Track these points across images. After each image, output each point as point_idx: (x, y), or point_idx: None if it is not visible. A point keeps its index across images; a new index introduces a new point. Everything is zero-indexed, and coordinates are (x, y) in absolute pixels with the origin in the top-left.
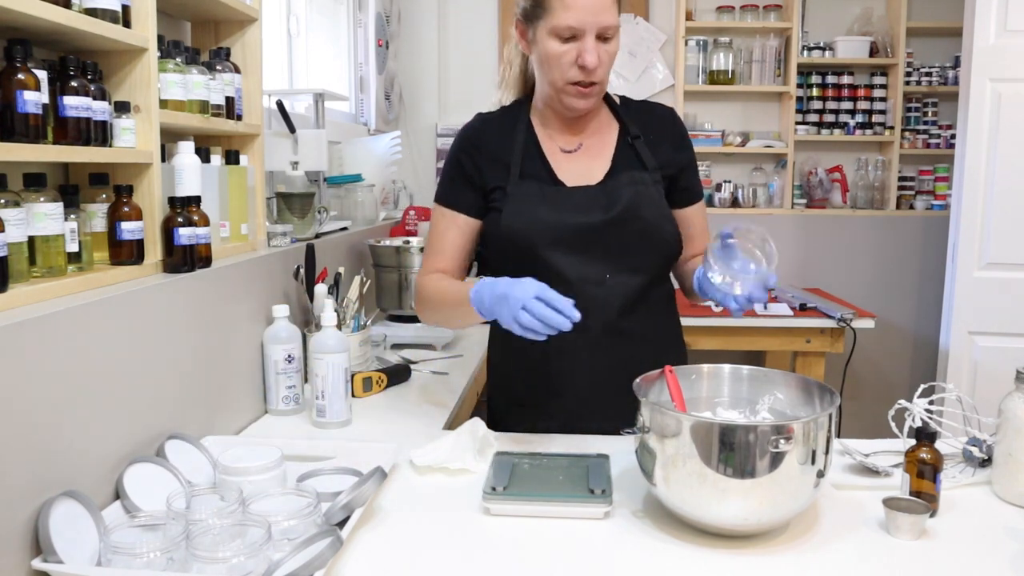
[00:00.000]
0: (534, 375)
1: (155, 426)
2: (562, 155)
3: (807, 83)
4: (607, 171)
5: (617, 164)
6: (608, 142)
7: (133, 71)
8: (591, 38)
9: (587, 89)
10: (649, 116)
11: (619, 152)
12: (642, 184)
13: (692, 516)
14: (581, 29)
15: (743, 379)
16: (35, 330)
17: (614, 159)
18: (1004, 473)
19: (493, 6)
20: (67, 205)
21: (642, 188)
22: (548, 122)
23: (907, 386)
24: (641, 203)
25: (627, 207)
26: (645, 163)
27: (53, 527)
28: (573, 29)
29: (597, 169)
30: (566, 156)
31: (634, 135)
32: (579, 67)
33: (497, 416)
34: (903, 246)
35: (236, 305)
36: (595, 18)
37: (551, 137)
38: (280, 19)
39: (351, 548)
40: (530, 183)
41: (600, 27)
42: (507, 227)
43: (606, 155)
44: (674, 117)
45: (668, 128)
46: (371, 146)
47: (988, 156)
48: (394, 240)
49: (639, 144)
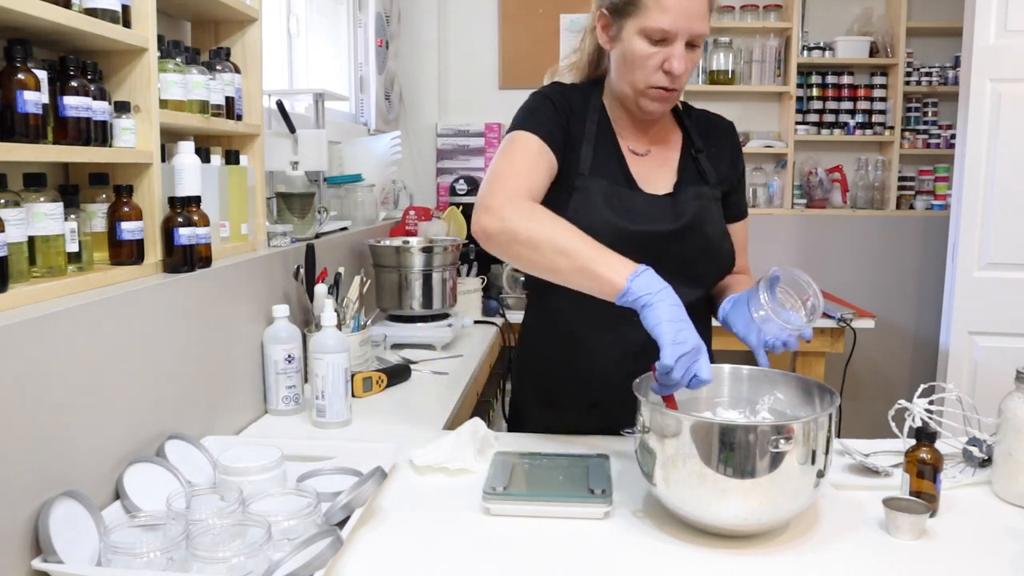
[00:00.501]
0: (570, 374)
1: (155, 426)
2: (633, 156)
3: (807, 83)
4: (675, 182)
5: (683, 176)
6: (673, 151)
7: (133, 71)
8: (681, 44)
9: (667, 94)
10: (710, 128)
11: (683, 163)
12: (706, 199)
13: (692, 516)
14: (674, 33)
15: (743, 379)
16: (35, 330)
17: (679, 170)
18: (1004, 473)
19: (493, 6)
20: (67, 205)
21: (706, 203)
22: (619, 119)
23: (907, 386)
24: (705, 218)
25: (692, 221)
26: (707, 178)
27: (53, 527)
28: (665, 32)
29: (665, 178)
30: (637, 158)
31: (697, 148)
32: (664, 72)
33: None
34: (903, 246)
35: (236, 305)
36: (689, 24)
37: (623, 134)
38: (280, 19)
39: (351, 548)
40: (600, 181)
41: (692, 34)
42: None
43: (671, 164)
44: (733, 131)
45: (727, 143)
46: (371, 146)
47: (988, 156)
48: (394, 240)
49: (702, 157)
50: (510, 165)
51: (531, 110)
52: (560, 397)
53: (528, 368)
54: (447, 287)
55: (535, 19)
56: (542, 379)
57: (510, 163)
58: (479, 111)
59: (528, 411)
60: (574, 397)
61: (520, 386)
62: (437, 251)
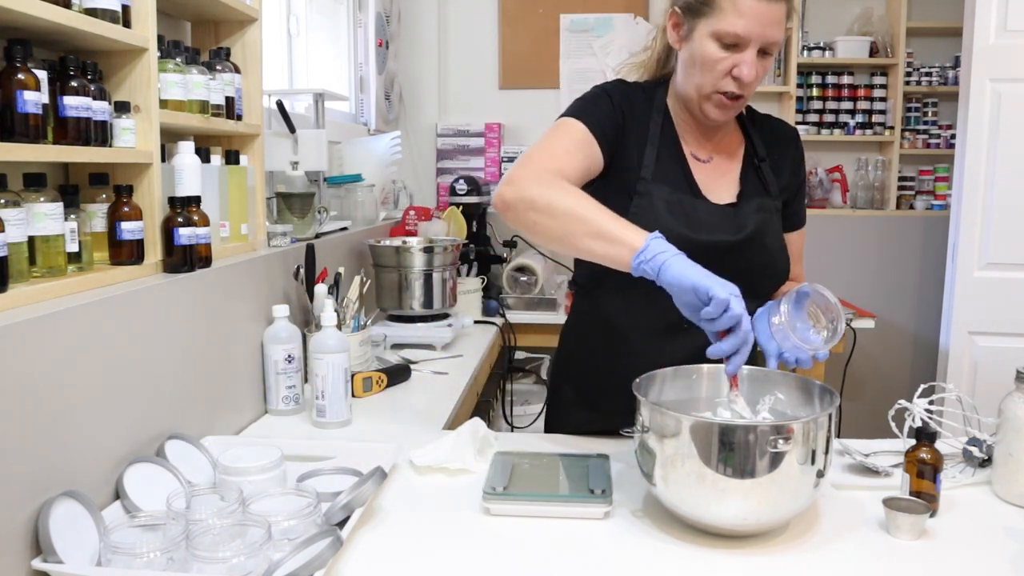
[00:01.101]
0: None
1: (155, 426)
2: (695, 162)
3: (807, 83)
4: (738, 192)
5: (746, 186)
6: (735, 159)
7: (133, 71)
8: (754, 50)
9: (733, 102)
10: (773, 135)
11: (746, 172)
12: (768, 212)
13: (692, 516)
14: (747, 39)
15: (743, 379)
16: (35, 330)
17: (742, 179)
18: (1004, 473)
19: (493, 6)
20: (67, 205)
21: (767, 216)
22: (683, 122)
23: (907, 386)
24: (766, 231)
25: (753, 233)
26: (770, 189)
27: (53, 527)
28: (739, 37)
29: (728, 187)
30: (700, 165)
31: (760, 157)
32: (733, 78)
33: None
34: (903, 246)
35: (236, 305)
36: (764, 30)
37: (685, 139)
38: (280, 19)
39: (351, 548)
40: (661, 187)
41: (766, 41)
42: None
43: (734, 173)
44: (797, 139)
45: (790, 151)
46: (371, 146)
47: (988, 156)
48: (394, 240)
49: (764, 167)
50: (547, 146)
51: (586, 100)
52: (603, 401)
53: (569, 369)
54: (447, 287)
55: (535, 19)
56: (584, 381)
57: (547, 144)
58: (479, 111)
59: (567, 412)
60: (618, 402)
61: (559, 387)
62: (437, 251)
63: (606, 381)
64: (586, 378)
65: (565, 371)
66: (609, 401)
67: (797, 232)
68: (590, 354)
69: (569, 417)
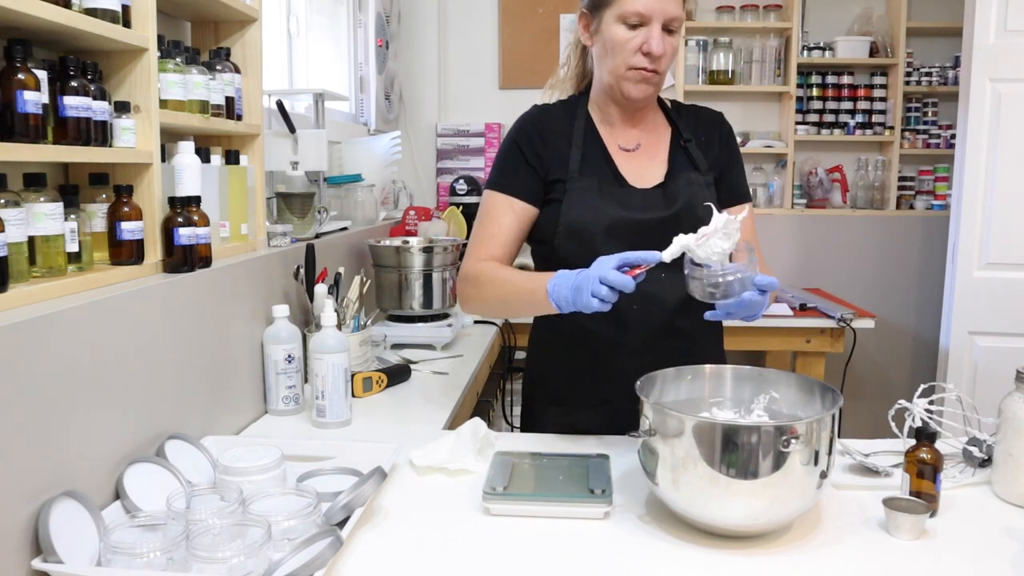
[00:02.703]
0: (580, 373)
1: (155, 426)
2: (622, 153)
3: (807, 83)
4: (666, 172)
5: (674, 166)
6: (663, 143)
7: (133, 71)
8: (657, 26)
9: (648, 75)
10: (698, 119)
11: (673, 154)
12: (697, 185)
13: (699, 518)
14: (648, 16)
15: (744, 379)
16: (35, 330)
17: (670, 160)
18: (1004, 473)
19: (493, 6)
20: (67, 205)
21: (697, 189)
22: (607, 118)
23: (907, 386)
24: (696, 203)
25: (684, 207)
26: (698, 164)
27: (53, 527)
28: (641, 15)
29: (655, 170)
30: (626, 154)
31: (686, 138)
32: (644, 54)
33: (535, 414)
34: (903, 246)
35: (236, 305)
36: (663, 6)
37: (610, 133)
38: (280, 19)
39: (351, 548)
40: (591, 179)
41: (667, 16)
42: (566, 222)
43: (662, 156)
44: (722, 119)
45: (716, 129)
46: (371, 146)
47: (988, 156)
48: (394, 240)
49: (691, 146)
50: (481, 231)
51: (499, 165)
52: (571, 395)
53: (539, 367)
54: (447, 287)
55: (535, 19)
56: (553, 378)
57: (481, 228)
58: (479, 111)
59: (540, 410)
60: (585, 395)
61: (531, 385)
62: (437, 251)
63: (573, 374)
64: (555, 375)
65: (534, 369)
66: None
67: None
68: (556, 350)
69: (543, 413)
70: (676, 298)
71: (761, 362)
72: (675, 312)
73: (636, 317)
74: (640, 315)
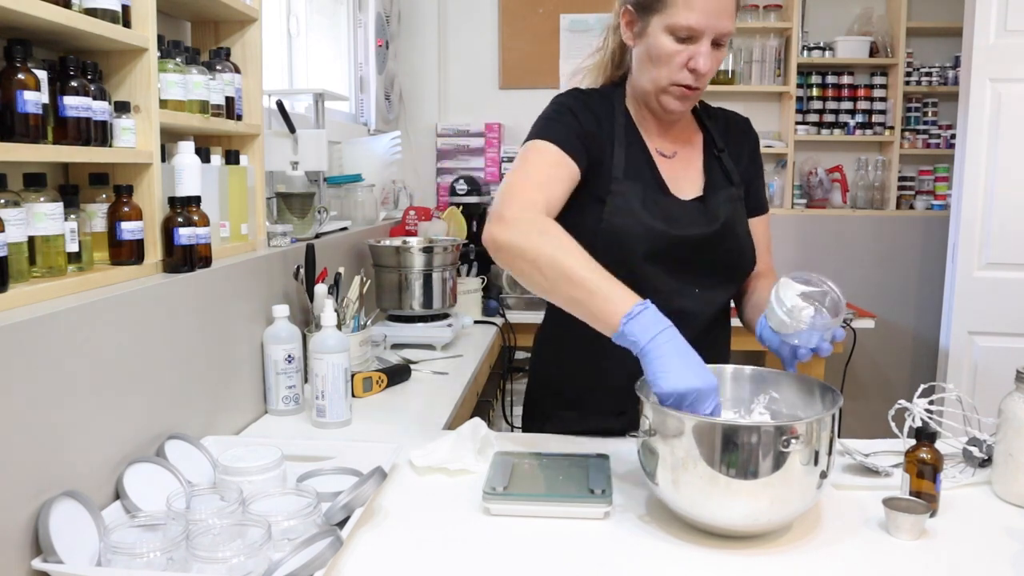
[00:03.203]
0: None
1: (155, 426)
2: (662, 159)
3: (807, 83)
4: (704, 184)
5: (710, 177)
6: (697, 151)
7: (133, 71)
8: (707, 42)
9: (690, 92)
10: (728, 126)
11: (708, 164)
12: (734, 201)
13: (700, 518)
14: (700, 31)
15: (744, 379)
16: (35, 330)
17: (706, 171)
18: (1004, 473)
19: (493, 6)
20: (67, 205)
21: (735, 205)
22: (643, 120)
23: (907, 386)
24: (736, 221)
25: (725, 224)
26: (732, 179)
27: (53, 527)
28: (692, 30)
29: (693, 180)
30: (665, 161)
31: (719, 147)
32: (689, 70)
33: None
34: (903, 246)
35: (236, 305)
36: (716, 22)
37: (649, 136)
38: (280, 19)
39: (351, 548)
40: (635, 184)
41: (719, 32)
42: (608, 227)
43: (697, 165)
44: (750, 127)
45: (745, 139)
46: (371, 146)
47: (988, 156)
48: (394, 240)
49: (724, 157)
50: (525, 176)
51: (549, 119)
52: (585, 401)
53: (545, 371)
54: (447, 287)
55: (535, 19)
56: (564, 382)
57: (525, 174)
58: (479, 111)
59: (548, 413)
60: (600, 403)
61: (537, 388)
62: (437, 251)
63: (583, 380)
64: (563, 379)
65: (540, 372)
66: (588, 401)
67: (760, 219)
68: (565, 355)
69: (549, 416)
70: (707, 315)
71: (761, 362)
72: (706, 327)
73: None
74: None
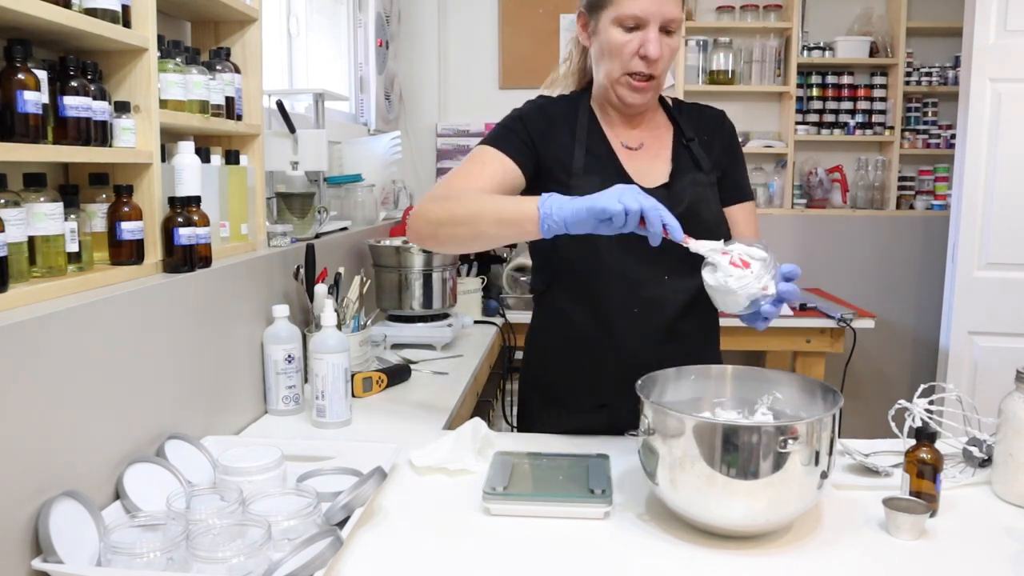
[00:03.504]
0: (577, 376)
1: (155, 426)
2: (626, 151)
3: (807, 83)
4: (670, 172)
5: (677, 165)
6: (665, 142)
7: (133, 71)
8: (655, 29)
9: (644, 83)
10: (700, 117)
11: (676, 153)
12: (701, 186)
13: (699, 518)
14: (645, 19)
15: (745, 379)
16: (35, 330)
17: (674, 159)
18: (1004, 473)
19: (493, 6)
20: (67, 205)
21: (701, 190)
22: (608, 117)
23: (907, 386)
24: (701, 205)
25: (689, 208)
26: (701, 165)
27: (53, 527)
28: (638, 18)
29: (659, 169)
30: (630, 152)
31: (689, 137)
32: (641, 57)
33: (532, 416)
34: (903, 246)
35: (236, 305)
36: (660, 8)
37: (613, 131)
38: (280, 19)
39: (351, 548)
40: (595, 177)
41: (665, 18)
42: None
43: (665, 155)
44: (724, 117)
45: (718, 128)
46: (371, 146)
47: (988, 156)
48: (394, 240)
49: (694, 146)
50: (453, 174)
51: (500, 126)
52: (568, 398)
53: (535, 370)
54: (447, 287)
55: (535, 19)
56: (549, 380)
57: (455, 173)
58: (479, 111)
59: (537, 412)
60: (582, 398)
61: (527, 388)
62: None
63: (569, 377)
64: (551, 377)
65: (530, 372)
66: (574, 397)
67: (741, 206)
68: (552, 353)
69: (539, 415)
70: (677, 302)
71: (761, 362)
72: (676, 316)
73: (636, 320)
74: (640, 318)
